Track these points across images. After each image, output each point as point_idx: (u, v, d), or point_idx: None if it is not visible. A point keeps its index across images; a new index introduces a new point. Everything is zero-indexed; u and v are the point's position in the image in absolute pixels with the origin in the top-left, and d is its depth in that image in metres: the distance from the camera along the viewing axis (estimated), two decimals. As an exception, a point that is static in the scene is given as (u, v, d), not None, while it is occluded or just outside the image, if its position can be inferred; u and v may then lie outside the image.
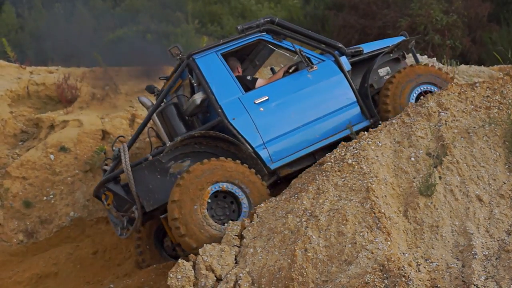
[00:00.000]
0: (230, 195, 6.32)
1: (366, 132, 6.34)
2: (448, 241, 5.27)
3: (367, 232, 5.12)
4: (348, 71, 7.12)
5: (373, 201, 5.36)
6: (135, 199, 6.50)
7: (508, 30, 14.43)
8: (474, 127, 6.16)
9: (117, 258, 8.04)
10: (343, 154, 6.05)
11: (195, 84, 6.97)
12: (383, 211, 5.29)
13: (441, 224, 5.38)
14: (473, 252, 5.07)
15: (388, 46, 7.59)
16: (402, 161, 5.94)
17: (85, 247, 8.22)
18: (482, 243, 5.18)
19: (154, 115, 6.96)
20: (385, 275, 4.74)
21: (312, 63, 7.04)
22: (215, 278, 5.43)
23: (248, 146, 6.60)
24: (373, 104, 7.09)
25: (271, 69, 8.62)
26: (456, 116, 6.29)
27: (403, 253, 5.03)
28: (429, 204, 5.50)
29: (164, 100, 7.04)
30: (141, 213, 6.49)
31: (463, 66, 11.17)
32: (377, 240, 5.03)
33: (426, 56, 11.97)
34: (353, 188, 5.59)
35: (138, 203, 6.48)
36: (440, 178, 5.71)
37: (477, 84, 6.60)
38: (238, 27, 7.06)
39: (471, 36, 14.75)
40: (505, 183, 5.72)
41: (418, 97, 7.09)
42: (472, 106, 6.39)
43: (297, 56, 7.05)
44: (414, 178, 5.75)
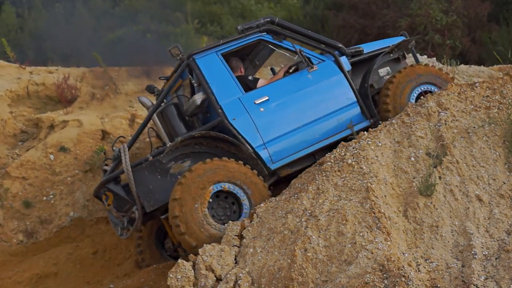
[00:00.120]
0: (231, 195, 6.32)
1: (366, 132, 6.34)
2: (448, 241, 5.27)
3: (367, 232, 5.12)
4: (348, 71, 7.11)
5: (373, 201, 5.36)
6: (135, 200, 6.50)
7: (507, 30, 14.43)
8: (474, 127, 6.15)
9: (117, 258, 8.04)
10: (343, 154, 6.05)
11: (195, 84, 6.97)
12: (383, 211, 5.29)
13: (441, 224, 5.37)
14: (473, 252, 5.07)
15: (388, 46, 7.59)
16: (402, 161, 5.93)
17: (85, 247, 8.22)
18: (482, 243, 5.18)
19: (154, 115, 6.96)
20: (385, 275, 4.74)
21: (312, 63, 7.03)
22: (215, 278, 5.42)
23: (249, 146, 6.60)
24: (373, 104, 7.09)
25: (271, 69, 8.61)
26: (456, 116, 6.29)
27: (403, 253, 5.03)
28: (429, 204, 5.50)
29: (164, 100, 7.03)
30: (142, 214, 6.49)
31: (463, 66, 11.17)
32: (377, 240, 5.03)
33: (426, 56, 11.97)
34: (353, 188, 5.59)
35: (139, 203, 6.47)
36: (440, 178, 5.70)
37: (477, 84, 6.60)
38: (238, 27, 7.05)
39: (470, 36, 14.75)
40: (505, 183, 5.72)
41: (418, 97, 7.09)
42: (472, 106, 6.39)
43: (297, 56, 7.04)
44: (414, 178, 5.75)
